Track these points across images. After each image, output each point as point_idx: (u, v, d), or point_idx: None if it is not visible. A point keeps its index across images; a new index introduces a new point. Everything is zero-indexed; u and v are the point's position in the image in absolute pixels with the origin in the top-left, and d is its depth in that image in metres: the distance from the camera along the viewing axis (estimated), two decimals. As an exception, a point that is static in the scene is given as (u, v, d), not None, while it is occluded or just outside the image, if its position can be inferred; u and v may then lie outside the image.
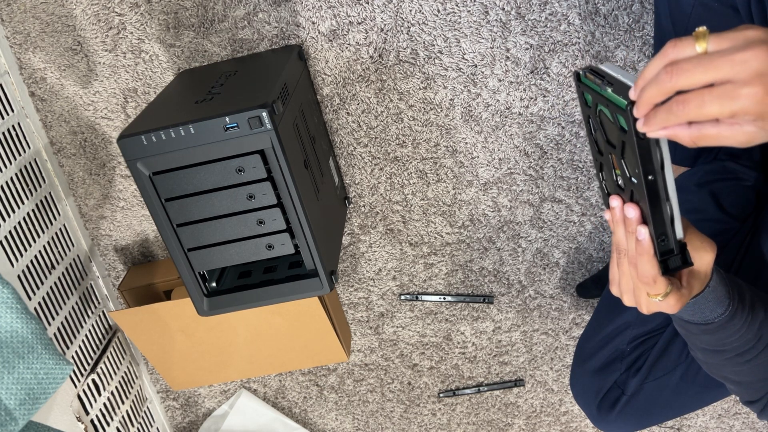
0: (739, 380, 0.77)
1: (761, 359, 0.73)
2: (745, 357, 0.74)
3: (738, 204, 0.95)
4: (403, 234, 1.18)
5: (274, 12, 1.01)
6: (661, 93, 0.48)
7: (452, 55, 1.02)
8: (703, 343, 0.75)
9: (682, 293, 0.62)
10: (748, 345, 0.72)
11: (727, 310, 0.68)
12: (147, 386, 1.35)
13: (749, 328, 0.71)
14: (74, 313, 1.12)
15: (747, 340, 0.72)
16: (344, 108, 1.08)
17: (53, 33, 1.04)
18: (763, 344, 0.72)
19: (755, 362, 0.73)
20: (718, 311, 0.68)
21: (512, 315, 1.25)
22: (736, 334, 0.71)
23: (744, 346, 0.72)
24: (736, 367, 0.75)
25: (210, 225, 0.84)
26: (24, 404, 0.77)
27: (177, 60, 1.05)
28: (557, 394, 1.33)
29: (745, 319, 0.70)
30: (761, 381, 0.75)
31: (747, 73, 0.45)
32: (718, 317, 0.68)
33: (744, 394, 0.77)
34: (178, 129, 0.77)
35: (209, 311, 0.90)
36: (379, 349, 1.31)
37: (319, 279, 0.87)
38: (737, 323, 0.70)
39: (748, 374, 0.75)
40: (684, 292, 0.63)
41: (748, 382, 0.75)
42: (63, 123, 1.11)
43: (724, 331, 0.70)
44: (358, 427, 1.41)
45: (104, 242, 1.22)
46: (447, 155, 1.10)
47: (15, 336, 0.78)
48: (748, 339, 0.71)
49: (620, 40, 1.00)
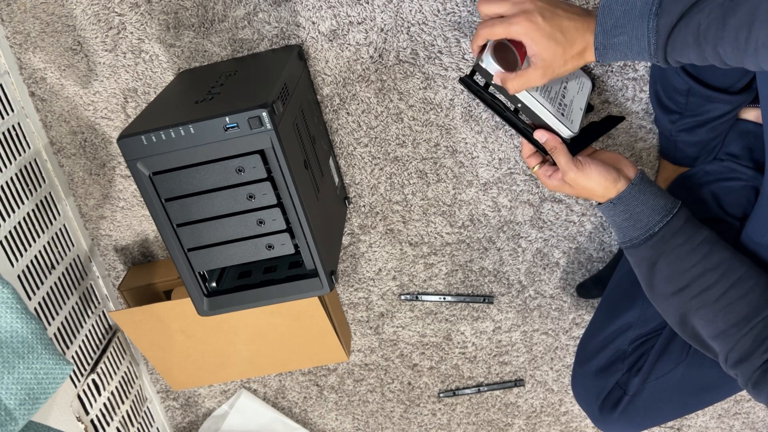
0: (716, 332, 0.79)
1: (729, 298, 0.77)
2: (711, 294, 0.78)
3: (738, 204, 0.95)
4: (403, 234, 1.18)
5: (274, 12, 1.01)
6: (482, 18, 0.82)
7: (452, 55, 1.02)
8: (665, 283, 0.81)
9: (552, 170, 0.89)
10: (707, 279, 0.78)
11: (666, 219, 0.79)
12: (147, 386, 1.35)
13: (699, 253, 0.78)
14: (74, 313, 1.12)
15: (704, 270, 0.78)
16: (344, 108, 1.08)
17: (53, 33, 1.04)
18: (728, 281, 0.77)
19: (723, 301, 0.77)
20: (654, 218, 0.81)
21: (512, 315, 1.25)
22: (687, 258, 0.78)
23: (704, 280, 0.78)
24: (706, 310, 0.78)
25: (210, 225, 0.84)
26: (24, 404, 0.77)
27: (177, 60, 1.05)
28: (557, 394, 1.33)
29: (688, 239, 0.78)
30: (734, 326, 0.77)
31: (517, 9, 0.78)
32: (657, 224, 0.80)
33: (726, 348, 0.79)
34: (178, 129, 0.77)
35: (209, 311, 0.90)
36: (379, 349, 1.31)
37: (319, 279, 0.87)
38: (679, 239, 0.78)
39: (721, 320, 0.78)
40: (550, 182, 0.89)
41: (723, 330, 0.78)
42: (63, 123, 1.11)
43: (667, 247, 0.79)
44: (358, 427, 1.41)
45: (104, 242, 1.22)
46: (447, 155, 1.10)
47: (15, 336, 0.78)
48: (705, 269, 0.78)
49: (620, 40, 1.00)
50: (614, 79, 1.03)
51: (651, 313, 0.96)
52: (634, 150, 1.08)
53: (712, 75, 0.89)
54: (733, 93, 0.90)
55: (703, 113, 0.93)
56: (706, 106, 0.92)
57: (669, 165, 1.04)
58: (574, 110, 0.92)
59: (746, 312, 0.77)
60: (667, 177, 1.04)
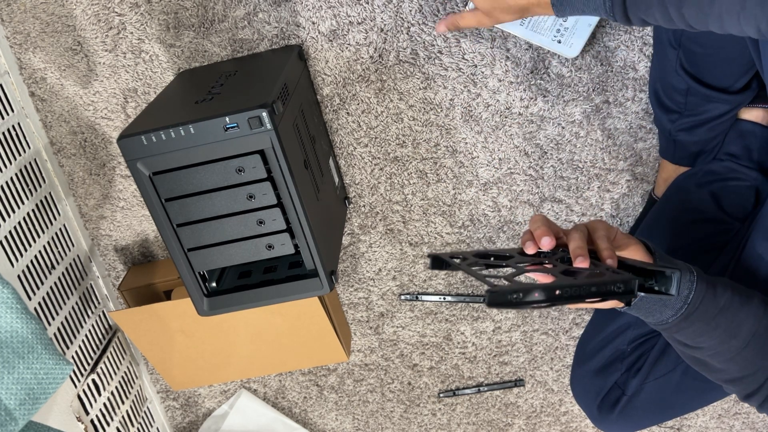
0: (731, 377, 0.76)
1: (745, 356, 0.73)
2: (724, 355, 0.73)
3: (738, 204, 0.95)
4: (403, 234, 1.18)
5: (274, 12, 1.01)
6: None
7: (452, 55, 1.02)
8: (676, 343, 0.76)
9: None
10: (722, 345, 0.72)
11: (679, 313, 0.69)
12: (147, 386, 1.35)
13: (721, 330, 0.70)
14: (74, 313, 1.12)
15: (721, 341, 0.71)
16: (344, 108, 1.08)
17: (53, 33, 1.04)
18: (742, 343, 0.72)
19: (738, 359, 0.73)
20: (667, 313, 0.70)
21: (512, 315, 1.25)
22: (703, 335, 0.71)
23: (718, 346, 0.72)
24: (722, 363, 0.75)
25: (210, 225, 0.84)
26: (24, 404, 0.77)
27: (177, 60, 1.05)
28: (557, 394, 1.33)
29: (708, 322, 0.70)
30: (752, 375, 0.74)
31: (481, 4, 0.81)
32: (671, 318, 0.70)
33: (740, 389, 0.77)
34: (178, 129, 0.77)
35: (209, 311, 0.90)
36: (379, 349, 1.31)
37: (319, 279, 0.87)
38: (697, 326, 0.70)
39: (736, 370, 0.74)
40: None
41: (739, 378, 0.75)
42: (63, 123, 1.11)
43: (684, 330, 0.71)
44: (358, 427, 1.41)
45: (104, 242, 1.22)
46: (447, 155, 1.10)
47: (15, 336, 0.78)
48: (722, 339, 0.71)
49: (620, 41, 1.00)
50: (614, 79, 1.03)
51: (651, 313, 0.96)
52: (635, 150, 1.08)
53: (711, 75, 0.89)
54: (733, 93, 0.90)
55: (702, 113, 0.93)
56: (706, 105, 0.92)
57: (669, 165, 1.03)
58: (578, 30, 0.94)
59: (763, 362, 0.73)
60: (667, 177, 1.04)
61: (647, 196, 1.11)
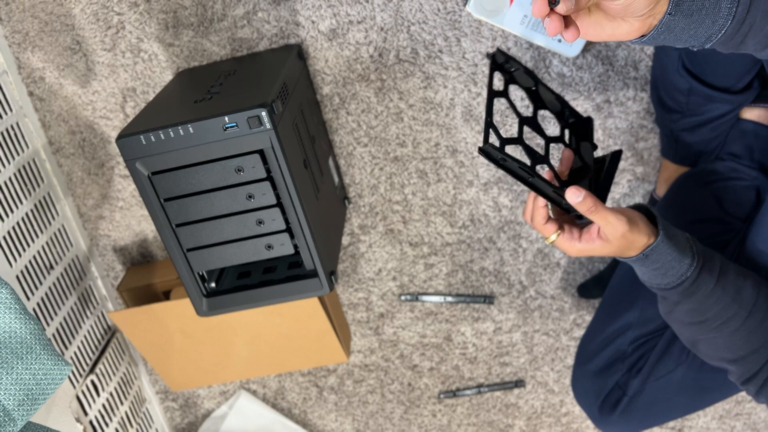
0: (734, 357, 0.78)
1: (748, 327, 0.76)
2: (730, 326, 0.76)
3: (739, 203, 0.95)
4: (403, 234, 1.18)
5: (273, 11, 1.01)
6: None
7: (453, 55, 1.02)
8: (686, 315, 0.78)
9: (572, 241, 0.77)
10: (728, 312, 0.76)
11: (691, 267, 0.75)
12: (146, 387, 1.34)
13: (724, 290, 0.75)
14: (73, 313, 1.12)
15: (726, 305, 0.76)
16: (344, 107, 1.07)
17: (52, 32, 1.04)
18: (746, 311, 0.76)
19: (743, 331, 0.76)
20: (681, 269, 0.75)
21: (513, 315, 1.24)
22: (712, 297, 0.75)
23: (725, 313, 0.76)
24: (726, 339, 0.77)
25: (209, 225, 0.83)
26: (23, 405, 0.77)
27: (176, 59, 1.05)
28: (558, 395, 1.32)
29: (717, 281, 0.75)
30: (755, 353, 0.77)
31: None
32: (686, 273, 0.75)
33: (741, 371, 0.79)
34: (177, 129, 0.77)
35: (208, 312, 0.90)
36: (379, 350, 1.30)
37: (318, 279, 0.87)
38: (708, 283, 0.75)
39: (740, 346, 0.77)
40: (579, 245, 0.76)
41: (742, 356, 0.77)
42: (62, 122, 1.11)
43: (697, 293, 0.76)
44: (358, 428, 1.41)
45: (103, 242, 1.22)
46: (447, 155, 1.10)
47: (13, 336, 0.77)
48: (726, 303, 0.76)
49: (621, 40, 1.00)
50: (615, 78, 1.02)
51: (651, 313, 0.96)
52: (636, 149, 1.08)
53: (713, 74, 0.88)
54: (735, 92, 0.90)
55: (704, 112, 0.92)
56: (708, 105, 0.91)
57: (670, 164, 1.03)
58: None
59: (765, 338, 0.76)
60: (668, 176, 1.04)
61: (648, 196, 1.11)
